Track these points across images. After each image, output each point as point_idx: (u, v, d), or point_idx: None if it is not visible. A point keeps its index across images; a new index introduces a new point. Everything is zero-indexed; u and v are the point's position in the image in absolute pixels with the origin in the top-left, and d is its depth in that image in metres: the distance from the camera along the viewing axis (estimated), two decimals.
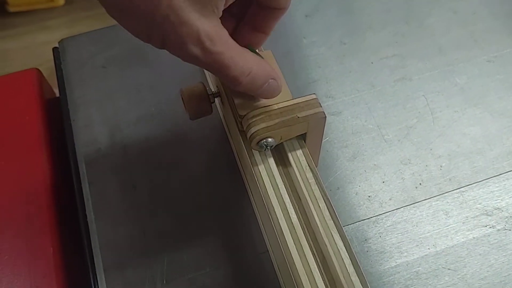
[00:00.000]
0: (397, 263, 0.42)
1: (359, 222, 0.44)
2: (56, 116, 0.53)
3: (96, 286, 0.42)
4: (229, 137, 0.47)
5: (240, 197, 0.45)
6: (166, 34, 0.29)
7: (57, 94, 0.55)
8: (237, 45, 0.32)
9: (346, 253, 0.34)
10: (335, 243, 0.34)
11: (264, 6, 0.35)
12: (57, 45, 0.55)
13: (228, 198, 0.46)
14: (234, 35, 0.36)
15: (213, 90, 0.43)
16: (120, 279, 0.42)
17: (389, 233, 0.44)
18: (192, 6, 0.29)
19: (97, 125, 0.50)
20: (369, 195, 0.46)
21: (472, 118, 0.49)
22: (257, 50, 0.37)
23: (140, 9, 0.28)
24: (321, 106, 0.37)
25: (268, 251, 0.42)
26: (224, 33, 0.31)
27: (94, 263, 0.43)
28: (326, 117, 0.37)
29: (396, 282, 0.41)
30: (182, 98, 0.41)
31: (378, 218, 0.44)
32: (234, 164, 0.47)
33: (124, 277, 0.42)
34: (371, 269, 0.42)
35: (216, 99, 0.42)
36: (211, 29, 0.30)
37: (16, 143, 0.51)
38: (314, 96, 0.37)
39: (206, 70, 0.34)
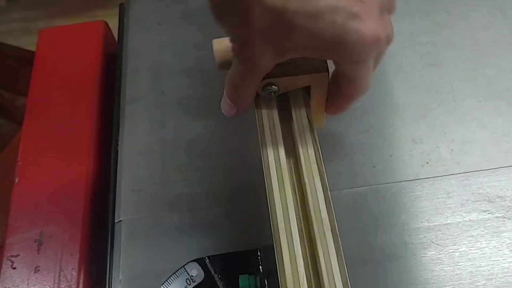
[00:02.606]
0: (388, 229, 0.44)
1: (359, 188, 0.46)
2: (113, 62, 0.60)
3: (114, 204, 0.48)
4: None
5: (256, 150, 0.49)
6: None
7: None
8: None
9: (322, 193, 0.36)
10: (314, 184, 0.37)
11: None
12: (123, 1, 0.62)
13: (245, 147, 0.49)
14: None
15: None
16: (135, 200, 0.48)
17: (386, 202, 0.45)
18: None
19: (142, 71, 0.56)
20: (374, 165, 0.47)
21: (495, 110, 0.49)
22: None
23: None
24: (326, 62, 0.39)
25: None
26: None
27: (116, 185, 0.49)
28: (328, 72, 0.39)
29: (383, 245, 0.43)
30: (212, 48, 0.45)
31: (378, 187, 0.46)
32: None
33: (138, 199, 0.48)
34: (361, 230, 0.44)
35: None
36: None
37: (75, 83, 0.58)
38: None
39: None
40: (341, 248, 0.33)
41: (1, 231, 1.44)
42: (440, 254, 0.42)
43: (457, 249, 0.42)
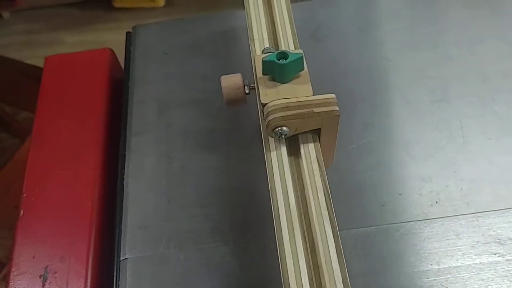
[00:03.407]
0: (397, 272, 0.43)
1: (368, 228, 0.46)
2: (119, 90, 0.60)
3: (120, 241, 0.47)
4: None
5: (264, 184, 0.49)
6: None
7: None
8: None
9: (333, 242, 0.36)
10: (325, 231, 0.36)
11: None
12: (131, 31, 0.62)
13: (253, 183, 0.49)
14: None
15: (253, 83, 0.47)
16: (141, 237, 0.47)
17: (395, 242, 0.45)
18: None
19: (149, 102, 0.55)
20: (383, 204, 0.47)
21: (505, 148, 0.49)
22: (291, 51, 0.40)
23: None
24: (337, 105, 0.39)
25: None
26: None
27: (121, 220, 0.48)
28: (340, 115, 0.39)
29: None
30: (221, 85, 0.45)
31: (387, 227, 0.46)
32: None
33: (145, 236, 0.47)
34: (369, 272, 0.43)
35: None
36: None
37: (80, 112, 0.58)
38: (333, 96, 0.40)
39: None
40: None
41: (2, 246, 1.43)
42: None
43: None
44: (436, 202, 0.46)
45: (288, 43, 0.46)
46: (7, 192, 1.28)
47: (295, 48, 0.45)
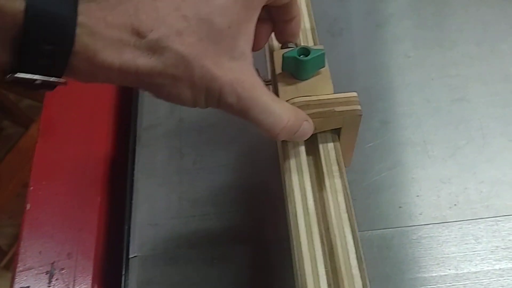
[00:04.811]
0: (414, 277, 0.42)
1: (385, 230, 0.44)
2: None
3: (129, 238, 0.46)
4: None
5: (277, 182, 0.47)
6: (207, 93, 0.31)
7: None
8: (272, 93, 0.34)
9: (353, 246, 0.34)
10: (344, 235, 0.35)
11: (281, 21, 0.38)
12: None
13: (266, 182, 0.48)
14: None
15: (268, 78, 0.45)
16: (152, 235, 0.46)
17: (413, 246, 0.44)
18: (220, 57, 0.30)
19: None
20: (400, 205, 0.46)
21: None
22: (313, 46, 0.39)
23: (183, 80, 0.30)
24: (359, 104, 0.38)
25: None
26: (258, 81, 0.33)
27: (131, 217, 0.47)
28: (361, 115, 0.38)
29: None
30: None
31: (404, 230, 0.44)
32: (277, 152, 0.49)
33: (155, 234, 0.46)
34: (386, 276, 0.42)
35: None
36: (243, 76, 0.31)
37: (90, 104, 0.56)
38: (354, 94, 0.38)
39: (240, 117, 0.33)
40: None
41: (4, 234, 1.42)
42: None
43: None
44: (455, 204, 0.45)
45: (307, 38, 0.44)
46: (10, 180, 1.27)
47: (314, 44, 0.44)
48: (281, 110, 0.34)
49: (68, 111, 0.55)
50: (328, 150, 0.39)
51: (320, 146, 0.39)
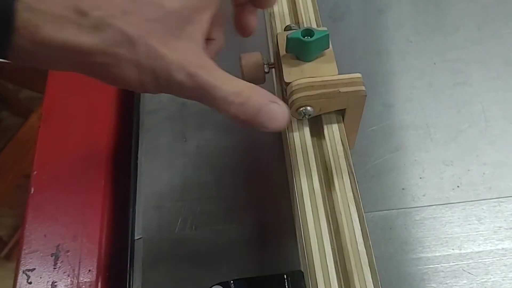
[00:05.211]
0: (418, 256, 0.43)
1: (388, 211, 0.45)
2: None
3: (134, 220, 0.47)
4: None
5: (280, 165, 0.48)
6: (154, 73, 0.29)
7: None
8: (223, 71, 0.32)
9: (359, 225, 0.35)
10: (350, 214, 0.35)
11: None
12: None
13: (269, 164, 0.48)
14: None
15: (271, 61, 0.45)
16: (156, 217, 0.46)
17: (416, 227, 0.44)
18: (168, 37, 0.29)
19: None
20: (403, 187, 0.46)
21: None
22: (316, 28, 0.39)
23: (127, 60, 0.29)
24: (363, 85, 0.38)
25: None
26: (209, 61, 0.32)
27: (135, 200, 0.48)
28: (366, 95, 0.38)
29: (412, 273, 0.42)
30: (240, 63, 0.44)
31: (407, 211, 0.45)
32: (280, 135, 0.49)
33: (159, 216, 0.46)
34: (389, 256, 0.43)
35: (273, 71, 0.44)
36: (192, 56, 0.30)
37: (92, 89, 0.56)
38: (359, 75, 0.39)
39: (194, 99, 0.32)
40: (379, 283, 0.32)
41: (4, 225, 1.42)
42: (472, 283, 0.41)
43: (490, 278, 0.41)
44: (458, 186, 0.46)
45: (310, 20, 0.44)
46: (9, 170, 1.27)
47: (317, 26, 0.44)
48: (235, 84, 0.32)
49: (71, 95, 0.55)
50: (333, 130, 0.39)
51: (325, 127, 0.40)
